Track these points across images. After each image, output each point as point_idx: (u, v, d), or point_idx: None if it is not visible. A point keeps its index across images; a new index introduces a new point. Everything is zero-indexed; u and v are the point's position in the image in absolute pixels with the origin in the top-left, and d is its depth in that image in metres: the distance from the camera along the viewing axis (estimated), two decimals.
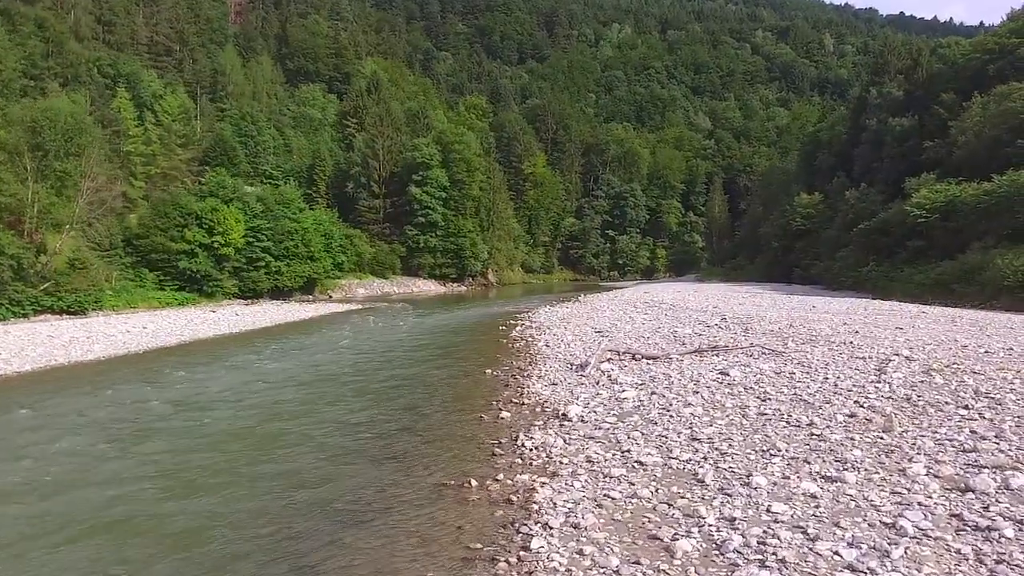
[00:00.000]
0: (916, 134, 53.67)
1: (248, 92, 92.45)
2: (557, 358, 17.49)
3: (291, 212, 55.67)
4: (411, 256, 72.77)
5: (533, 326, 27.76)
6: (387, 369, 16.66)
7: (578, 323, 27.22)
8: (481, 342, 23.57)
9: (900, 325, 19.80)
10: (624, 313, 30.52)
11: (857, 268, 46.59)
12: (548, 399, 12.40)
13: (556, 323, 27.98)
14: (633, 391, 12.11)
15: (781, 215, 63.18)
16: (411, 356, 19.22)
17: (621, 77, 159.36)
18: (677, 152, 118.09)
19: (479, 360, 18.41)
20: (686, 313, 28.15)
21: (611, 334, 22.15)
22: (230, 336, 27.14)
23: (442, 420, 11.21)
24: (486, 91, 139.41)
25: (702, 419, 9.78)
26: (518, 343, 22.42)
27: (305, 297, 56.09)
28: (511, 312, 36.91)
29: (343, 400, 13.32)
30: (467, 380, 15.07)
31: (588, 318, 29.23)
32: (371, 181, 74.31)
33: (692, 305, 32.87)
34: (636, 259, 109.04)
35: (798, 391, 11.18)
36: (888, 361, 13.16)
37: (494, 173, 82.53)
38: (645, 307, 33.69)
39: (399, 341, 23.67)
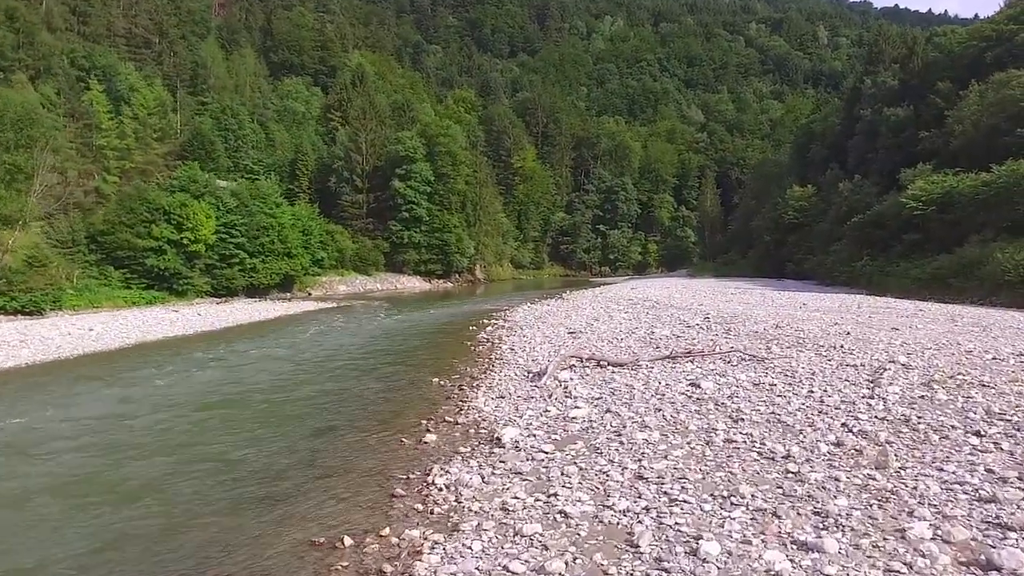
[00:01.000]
0: (911, 124, 52.10)
1: (230, 86, 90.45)
2: (517, 364, 15.79)
3: (267, 207, 53.76)
4: (395, 252, 70.87)
5: (506, 326, 26.03)
6: (318, 382, 14.78)
7: (554, 322, 25.52)
8: (443, 345, 21.83)
9: (896, 325, 18.12)
10: (604, 311, 28.81)
11: (851, 262, 44.96)
12: (488, 417, 10.68)
13: (531, 322, 26.27)
14: (585, 408, 10.39)
15: (773, 208, 61.55)
16: (356, 364, 17.42)
17: (613, 70, 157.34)
18: (669, 145, 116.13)
19: (431, 367, 16.69)
20: (668, 311, 26.45)
21: (584, 335, 20.45)
22: (180, 338, 25.36)
23: (352, 447, 9.45)
24: (476, 85, 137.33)
25: (657, 448, 8.07)
26: (483, 346, 20.70)
27: (283, 295, 54.24)
28: (489, 310, 35.17)
29: (237, 427, 11.28)
30: (406, 393, 13.32)
31: (566, 317, 27.52)
32: (354, 175, 72.38)
33: (677, 302, 31.18)
34: (627, 254, 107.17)
35: (777, 409, 9.47)
36: (883, 370, 11.46)
37: (481, 167, 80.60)
38: (628, 305, 31.99)
39: (353, 345, 21.88)
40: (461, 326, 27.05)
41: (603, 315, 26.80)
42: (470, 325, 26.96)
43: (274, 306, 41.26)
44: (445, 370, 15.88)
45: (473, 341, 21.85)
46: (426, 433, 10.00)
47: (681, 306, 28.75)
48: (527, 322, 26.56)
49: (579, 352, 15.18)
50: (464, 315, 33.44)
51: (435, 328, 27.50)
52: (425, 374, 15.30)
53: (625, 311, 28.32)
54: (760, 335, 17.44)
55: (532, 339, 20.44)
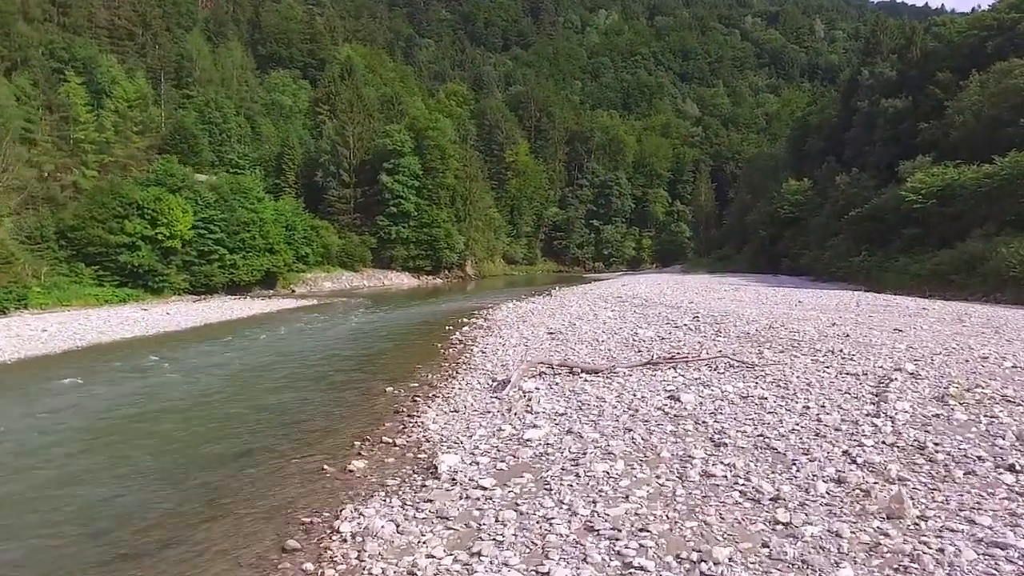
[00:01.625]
0: (910, 116, 50.70)
1: (216, 79, 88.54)
2: (484, 370, 14.34)
3: (248, 202, 52.20)
4: (383, 248, 69.32)
5: (484, 326, 24.59)
6: (253, 394, 13.03)
7: (536, 322, 24.09)
8: (412, 347, 20.37)
9: (899, 325, 16.70)
10: (590, 310, 27.38)
11: (848, 258, 43.58)
12: (433, 437, 9.23)
13: (512, 322, 24.83)
14: (545, 427, 8.95)
15: (768, 202, 60.14)
16: (308, 371, 15.85)
17: (608, 64, 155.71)
18: (664, 139, 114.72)
19: (391, 373, 15.23)
20: (657, 310, 25.02)
21: (564, 336, 19.02)
22: (137, 340, 23.85)
23: (261, 479, 7.97)
24: (469, 78, 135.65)
25: (618, 484, 6.63)
26: (454, 348, 19.25)
27: (265, 292, 52.70)
28: (473, 308, 33.70)
29: (129, 455, 9.29)
30: (351, 406, 11.83)
31: (549, 316, 26.09)
32: (341, 170, 70.77)
33: (667, 300, 29.75)
34: (621, 250, 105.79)
35: (767, 430, 8.04)
36: (889, 380, 10.02)
37: (470, 161, 79.02)
38: (616, 302, 30.56)
39: (314, 349, 20.35)
40: (438, 326, 25.60)
41: (588, 314, 25.37)
42: (447, 324, 25.52)
43: (250, 304, 39.73)
44: (404, 377, 14.42)
45: (445, 343, 20.39)
46: (356, 458, 8.54)
47: (670, 304, 27.33)
48: (508, 322, 25.11)
49: (549, 358, 13.71)
50: (445, 313, 31.98)
51: (410, 328, 26.02)
52: (381, 382, 13.82)
53: (611, 309, 26.89)
54: (752, 337, 16.01)
55: (508, 341, 19.00)
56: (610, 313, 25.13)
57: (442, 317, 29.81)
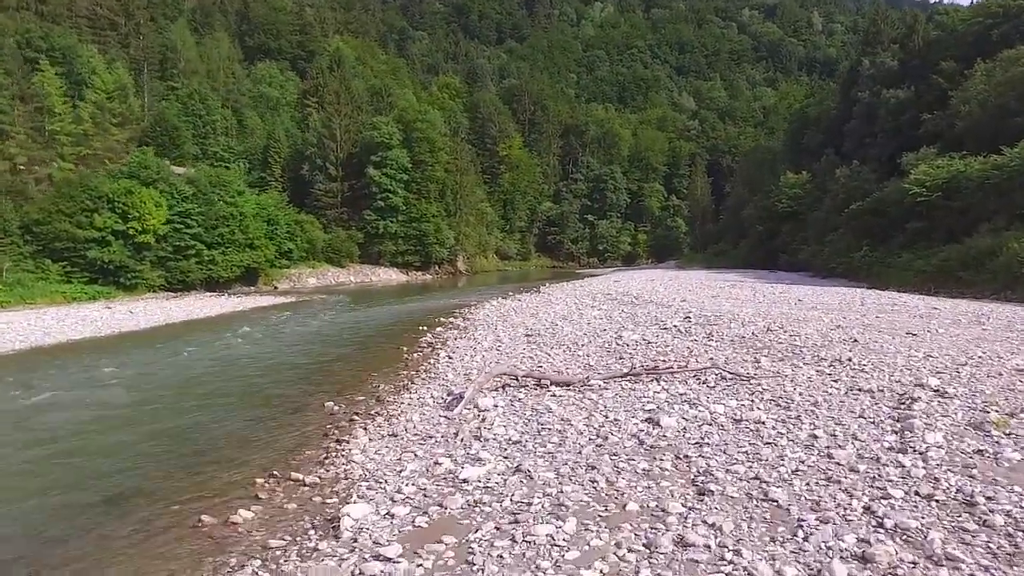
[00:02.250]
0: (912, 106, 49.08)
1: (202, 70, 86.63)
2: (444, 380, 12.64)
3: (228, 195, 50.35)
4: (370, 243, 67.50)
5: (461, 326, 22.88)
6: (164, 416, 10.76)
7: (516, 321, 22.40)
8: (375, 351, 18.62)
9: (911, 328, 15.00)
10: (576, 308, 25.68)
11: (849, 253, 41.93)
12: (354, 472, 7.51)
13: (491, 322, 23.12)
14: (491, 461, 7.24)
15: (765, 196, 58.45)
16: (244, 382, 13.89)
17: (603, 57, 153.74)
18: (660, 133, 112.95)
19: (339, 384, 13.49)
20: (646, 309, 23.31)
21: (543, 339, 17.33)
22: (87, 342, 22.08)
23: (112, 536, 6.22)
24: (463, 72, 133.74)
25: (564, 557, 4.93)
26: (421, 352, 17.55)
27: (246, 289, 50.92)
28: (455, 306, 31.98)
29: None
30: (274, 429, 10.03)
31: (532, 315, 24.39)
32: (328, 163, 68.89)
33: (659, 298, 28.05)
34: (617, 245, 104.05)
35: (764, 471, 6.34)
36: (911, 401, 8.32)
37: (461, 154, 77.10)
38: (604, 300, 28.85)
39: (265, 353, 18.51)
40: (412, 326, 23.86)
41: (573, 313, 23.66)
42: (422, 324, 23.78)
43: (224, 302, 37.95)
44: (351, 389, 12.69)
45: (413, 346, 18.67)
46: (248, 504, 6.81)
47: (661, 302, 25.62)
48: (487, 321, 23.40)
49: (515, 368, 11.97)
50: (425, 312, 30.23)
51: (380, 329, 24.25)
52: (322, 396, 12.06)
53: (598, 308, 25.18)
54: (747, 341, 14.31)
55: (480, 344, 17.30)
56: (596, 312, 23.42)
57: (420, 316, 28.08)
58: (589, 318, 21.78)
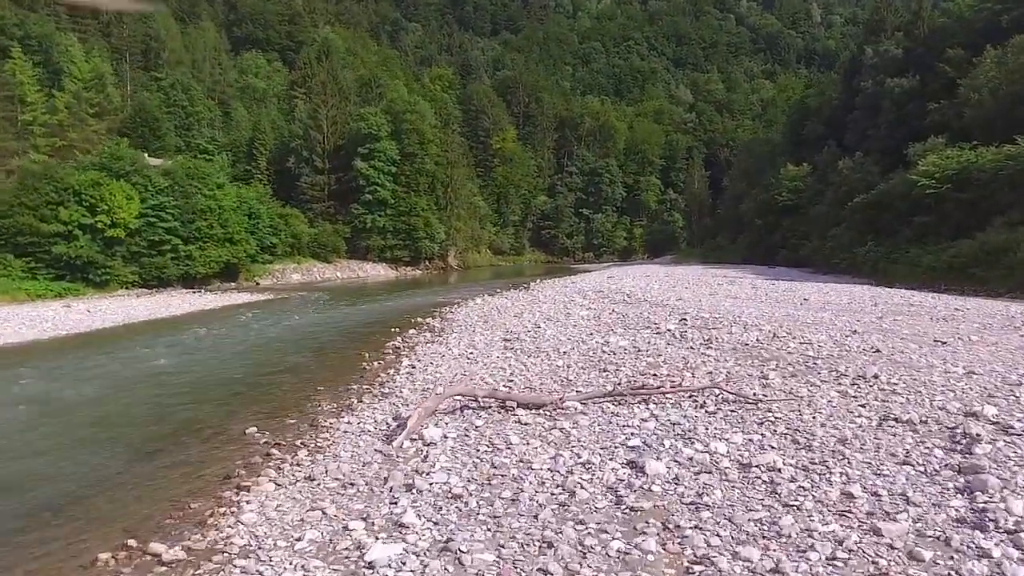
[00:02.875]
0: (918, 96, 47.19)
1: (187, 60, 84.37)
2: (397, 398, 10.79)
3: (207, 188, 48.33)
4: (358, 237, 65.54)
5: (435, 328, 21.02)
6: (17, 455, 9.16)
7: (497, 323, 20.55)
8: (335, 359, 16.71)
9: (937, 334, 13.14)
10: (564, 308, 23.80)
11: (852, 248, 40.14)
12: (234, 544, 5.62)
13: (470, 324, 21.25)
14: (414, 531, 5.37)
15: (765, 190, 56.61)
16: (157, 403, 11.86)
17: (599, 49, 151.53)
18: (656, 126, 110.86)
19: (276, 402, 11.60)
20: (639, 309, 21.43)
21: (521, 345, 15.49)
22: (24, 346, 20.14)
23: None
24: (456, 64, 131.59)
25: None
26: (383, 359, 15.70)
27: (226, 285, 48.98)
28: (437, 304, 30.09)
29: None
30: (170, 467, 8.09)
31: (516, 315, 22.53)
32: (314, 155, 66.89)
33: (653, 296, 26.18)
34: (612, 239, 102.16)
35: (786, 560, 4.47)
36: (968, 439, 6.46)
37: (452, 146, 75.05)
38: (595, 298, 26.97)
39: (198, 365, 16.42)
40: (384, 327, 21.95)
41: (560, 314, 21.78)
42: (396, 325, 21.88)
43: (196, 299, 36.02)
44: (287, 410, 10.80)
45: (378, 351, 16.81)
46: None
47: (656, 301, 23.75)
48: (465, 323, 21.52)
49: (474, 388, 10.04)
50: (403, 310, 28.33)
51: (349, 331, 22.32)
52: (249, 420, 10.14)
53: (588, 308, 23.29)
54: (752, 351, 12.45)
55: (451, 351, 15.44)
56: (584, 312, 21.54)
57: (397, 315, 26.17)
58: (576, 319, 19.92)
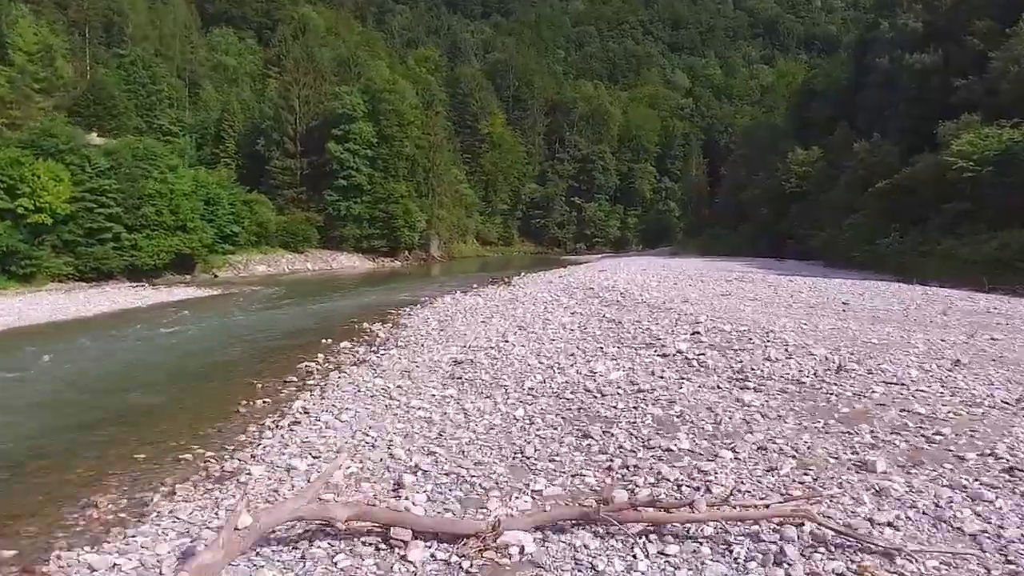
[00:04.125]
0: (941, 72, 42.81)
1: (154, 37, 79.16)
2: (238, 486, 6.34)
3: (157, 170, 43.63)
4: (331, 226, 60.84)
5: (375, 340, 16.61)
6: None
7: (458, 332, 16.19)
8: (210, 395, 12.11)
9: None
10: (544, 310, 19.38)
11: (873, 240, 35.73)
12: None
13: (423, 333, 16.85)
14: None
15: (770, 176, 52.17)
16: None
17: (593, 33, 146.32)
18: (652, 111, 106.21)
19: (51, 487, 7.17)
20: (636, 314, 17.00)
21: (473, 373, 11.11)
22: None
23: None
24: (445, 46, 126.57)
25: None
26: (278, 394, 11.22)
27: (180, 278, 44.35)
28: (399, 304, 25.67)
29: None
30: None
31: (484, 320, 18.15)
32: (285, 137, 62.05)
33: (652, 296, 21.75)
34: (605, 229, 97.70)
35: None
36: None
37: (434, 128, 70.18)
38: (584, 298, 22.55)
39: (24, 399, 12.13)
40: (314, 338, 17.44)
41: (537, 321, 17.36)
42: (328, 336, 17.38)
43: (130, 295, 31.47)
44: (49, 508, 6.37)
45: (276, 381, 12.33)
46: None
47: (657, 303, 19.32)
48: (417, 333, 17.09)
49: (326, 510, 5.37)
50: (355, 311, 23.85)
51: (265, 345, 17.56)
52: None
53: (573, 312, 18.87)
54: (815, 396, 8.04)
55: (372, 383, 10.98)
56: (567, 319, 17.12)
57: (344, 318, 21.69)
58: (556, 328, 15.52)
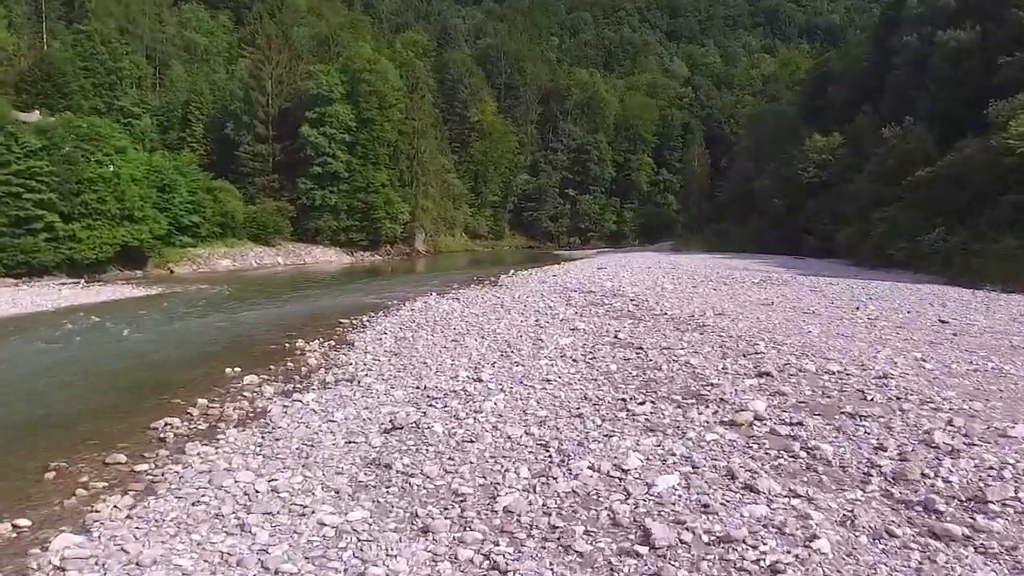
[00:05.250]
0: (979, 50, 38.39)
1: (119, 13, 73.81)
2: None
3: (102, 152, 38.75)
4: (306, 217, 55.91)
5: (297, 376, 11.94)
6: None
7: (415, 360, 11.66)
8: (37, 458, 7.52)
9: None
10: (534, 326, 14.78)
11: (913, 235, 31.18)
12: None
13: (367, 363, 12.20)
14: None
15: (785, 165, 47.58)
16: None
17: (588, 19, 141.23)
18: (650, 100, 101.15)
19: None
20: (661, 335, 12.41)
21: (415, 452, 6.45)
22: None
23: None
24: (435, 32, 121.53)
25: None
26: (135, 464, 6.55)
27: (130, 274, 39.56)
28: (358, 310, 21.04)
29: None
30: None
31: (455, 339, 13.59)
32: (255, 120, 57.00)
33: (672, 304, 17.16)
34: (600, 223, 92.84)
35: None
36: None
37: (420, 113, 65.11)
38: (584, 305, 17.95)
39: None
40: (216, 366, 12.72)
41: (525, 340, 12.77)
42: (233, 365, 12.62)
43: (39, 295, 26.62)
44: None
45: (134, 435, 7.67)
46: None
47: (683, 316, 14.73)
48: (361, 360, 12.46)
49: None
50: (300, 321, 19.17)
51: (124, 385, 12.70)
52: None
53: (575, 324, 14.27)
54: None
55: (234, 488, 6.30)
56: (567, 340, 12.50)
57: (281, 331, 16.99)
58: (552, 356, 10.93)
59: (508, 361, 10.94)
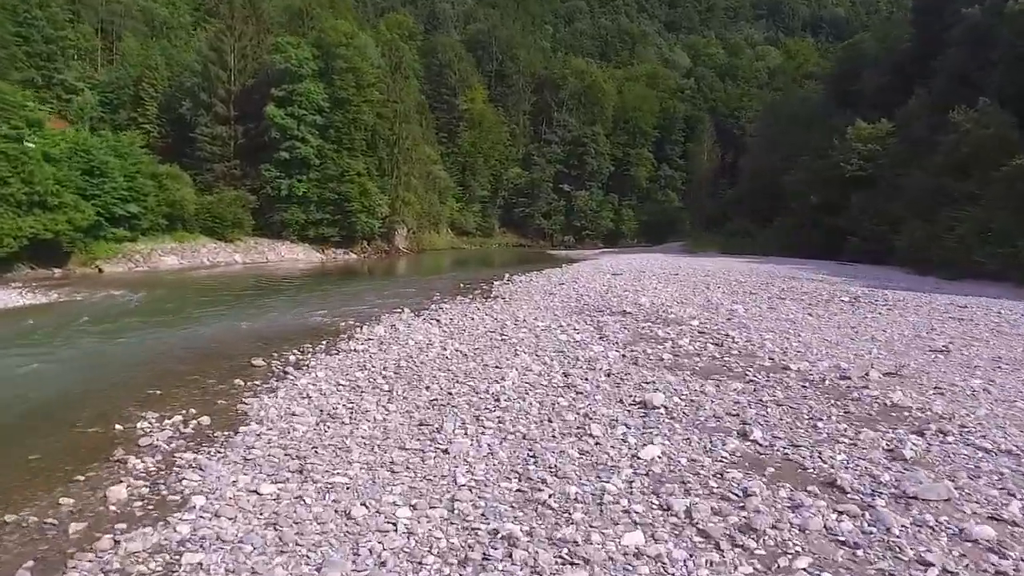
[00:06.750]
0: None
1: None
2: None
3: (7, 125, 31.96)
4: (270, 209, 49.12)
5: (109, 514, 5.44)
6: None
7: (338, 466, 5.16)
8: None
9: None
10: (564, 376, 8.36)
11: (1012, 243, 25.00)
12: None
13: (245, 487, 5.71)
14: None
15: (821, 156, 41.42)
16: None
17: (583, 8, 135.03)
18: (650, 91, 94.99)
19: None
20: (777, 394, 5.93)
21: None
22: None
23: None
24: (422, 17, 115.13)
25: None
26: None
27: (46, 272, 32.82)
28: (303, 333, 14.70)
29: None
30: None
31: (427, 416, 7.20)
32: (215, 98, 50.09)
33: (760, 336, 10.81)
34: (597, 221, 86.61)
35: None
36: None
37: (403, 94, 58.37)
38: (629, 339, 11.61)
39: None
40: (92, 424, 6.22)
41: (557, 419, 6.34)
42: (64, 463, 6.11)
43: None
44: None
45: None
46: None
47: (806, 368, 8.35)
48: (235, 472, 5.97)
49: None
50: (198, 358, 12.74)
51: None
52: None
53: (633, 380, 7.83)
54: None
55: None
56: (652, 453, 6.09)
57: (157, 378, 10.53)
58: (631, 496, 4.51)
59: (542, 521, 4.57)
